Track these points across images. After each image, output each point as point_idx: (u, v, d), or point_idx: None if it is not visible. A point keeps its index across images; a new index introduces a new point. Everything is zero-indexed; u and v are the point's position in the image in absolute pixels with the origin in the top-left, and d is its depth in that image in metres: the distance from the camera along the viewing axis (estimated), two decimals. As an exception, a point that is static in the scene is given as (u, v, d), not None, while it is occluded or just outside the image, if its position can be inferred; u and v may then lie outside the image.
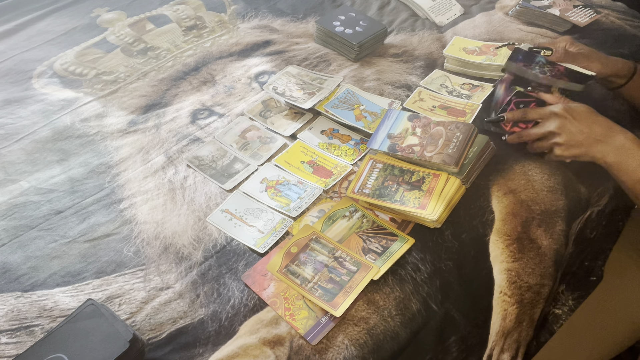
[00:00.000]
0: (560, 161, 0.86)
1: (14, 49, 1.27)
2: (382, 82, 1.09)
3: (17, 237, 0.86)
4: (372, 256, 0.77)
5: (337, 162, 0.93)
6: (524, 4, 1.25)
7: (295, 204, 0.86)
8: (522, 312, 0.79)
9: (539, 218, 0.83)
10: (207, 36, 1.27)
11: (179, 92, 1.12)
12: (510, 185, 0.87)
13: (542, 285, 0.80)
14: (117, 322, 0.68)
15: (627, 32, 1.18)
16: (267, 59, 1.17)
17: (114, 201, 0.90)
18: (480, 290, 0.79)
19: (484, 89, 1.04)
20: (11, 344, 0.72)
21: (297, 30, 1.28)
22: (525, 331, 0.80)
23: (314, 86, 1.05)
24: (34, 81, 1.17)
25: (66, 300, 0.77)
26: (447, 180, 0.82)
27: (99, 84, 1.15)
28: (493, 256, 0.80)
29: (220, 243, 0.83)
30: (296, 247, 0.79)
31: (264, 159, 0.95)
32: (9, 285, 0.79)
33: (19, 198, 0.92)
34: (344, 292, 0.73)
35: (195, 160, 0.96)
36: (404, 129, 0.89)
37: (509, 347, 0.79)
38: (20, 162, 0.99)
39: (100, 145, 1.01)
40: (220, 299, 0.76)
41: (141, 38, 1.27)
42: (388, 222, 0.83)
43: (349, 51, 1.16)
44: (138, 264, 0.81)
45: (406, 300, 0.74)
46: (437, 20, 1.26)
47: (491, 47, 1.11)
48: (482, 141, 0.86)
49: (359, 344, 0.70)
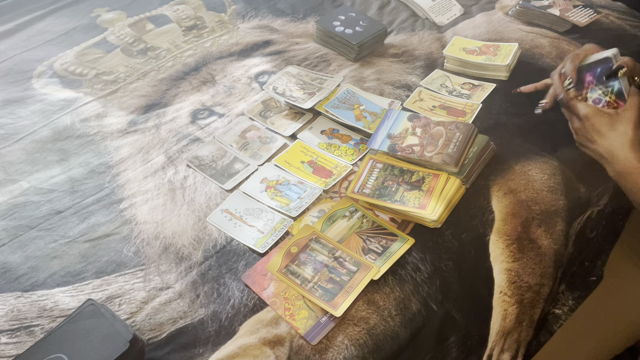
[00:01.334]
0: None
1: (14, 49, 1.27)
2: (382, 82, 1.09)
3: (17, 237, 0.86)
4: (372, 256, 0.77)
5: (337, 162, 0.93)
6: (524, 4, 1.25)
7: (295, 204, 0.86)
8: (522, 312, 0.79)
9: (539, 218, 0.83)
10: (207, 36, 1.27)
11: (179, 92, 1.12)
12: (510, 185, 0.87)
13: (542, 285, 0.80)
14: (117, 322, 0.68)
15: (627, 32, 1.18)
16: (267, 59, 1.17)
17: (114, 201, 0.90)
18: (480, 291, 0.79)
19: (484, 88, 1.04)
20: (11, 344, 0.72)
21: (297, 30, 1.27)
22: (525, 331, 0.80)
23: (314, 86, 1.05)
24: (34, 81, 1.17)
25: (66, 300, 0.77)
26: (447, 180, 0.82)
27: (99, 84, 1.15)
28: (493, 256, 0.80)
29: (220, 243, 0.83)
30: (296, 247, 0.79)
31: (264, 159, 0.95)
32: (9, 285, 0.79)
33: (19, 198, 0.92)
34: (344, 292, 0.73)
35: (195, 160, 0.96)
36: (404, 129, 0.89)
37: (509, 347, 0.79)
38: (20, 162, 0.99)
39: (100, 145, 1.01)
40: (220, 299, 0.76)
41: (141, 38, 1.27)
42: (388, 222, 0.83)
43: (349, 51, 1.16)
44: (138, 264, 0.81)
45: (406, 300, 0.74)
46: (437, 20, 1.26)
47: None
48: (482, 141, 0.86)
49: (359, 344, 0.70)
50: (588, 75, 0.83)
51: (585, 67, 0.84)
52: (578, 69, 0.84)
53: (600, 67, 0.82)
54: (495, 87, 1.04)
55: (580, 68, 0.84)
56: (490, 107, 1.00)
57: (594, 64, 0.83)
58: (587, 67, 0.84)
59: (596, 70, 0.83)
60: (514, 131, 0.96)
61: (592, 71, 0.83)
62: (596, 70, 0.83)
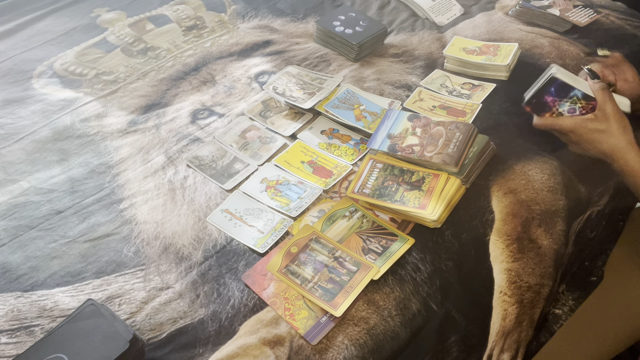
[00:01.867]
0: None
1: (14, 49, 1.27)
2: (382, 82, 1.09)
3: (17, 237, 0.86)
4: (372, 256, 0.77)
5: (337, 162, 0.93)
6: (524, 4, 1.25)
7: (295, 204, 0.86)
8: (522, 312, 0.79)
9: (539, 218, 0.83)
10: (207, 36, 1.27)
11: (179, 92, 1.12)
12: (510, 185, 0.87)
13: (542, 285, 0.80)
14: (117, 322, 0.68)
15: (627, 32, 1.18)
16: (267, 59, 1.17)
17: (114, 201, 0.90)
18: (480, 290, 0.79)
19: (484, 88, 1.04)
20: (11, 344, 0.72)
21: (297, 30, 1.27)
22: (525, 331, 0.80)
23: (314, 86, 1.05)
24: (34, 81, 1.17)
25: (66, 300, 0.77)
26: (447, 180, 0.82)
27: (99, 84, 1.15)
28: (493, 256, 0.80)
29: (220, 243, 0.83)
30: (296, 247, 0.79)
31: (264, 159, 0.95)
32: (9, 285, 0.79)
33: (19, 198, 0.92)
34: (344, 292, 0.73)
35: (195, 160, 0.96)
36: (404, 129, 0.89)
37: (509, 347, 0.79)
38: (20, 162, 0.99)
39: (100, 145, 1.01)
40: (220, 299, 0.76)
41: (141, 38, 1.27)
42: (388, 222, 0.83)
43: (349, 51, 1.16)
44: (138, 264, 0.81)
45: (406, 300, 0.74)
46: (437, 20, 1.26)
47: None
48: (482, 141, 0.86)
49: (359, 344, 0.70)
50: (546, 98, 0.85)
51: (537, 94, 0.85)
52: (530, 99, 0.86)
53: (552, 86, 0.83)
54: (495, 87, 1.04)
55: (531, 99, 0.86)
56: (490, 107, 1.00)
57: (543, 88, 0.84)
58: (539, 94, 0.85)
59: (551, 91, 0.84)
60: (514, 131, 0.96)
61: (547, 93, 0.84)
62: (550, 90, 0.84)
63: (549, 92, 0.84)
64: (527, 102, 0.87)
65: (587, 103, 0.82)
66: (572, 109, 0.83)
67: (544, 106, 0.85)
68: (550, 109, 0.85)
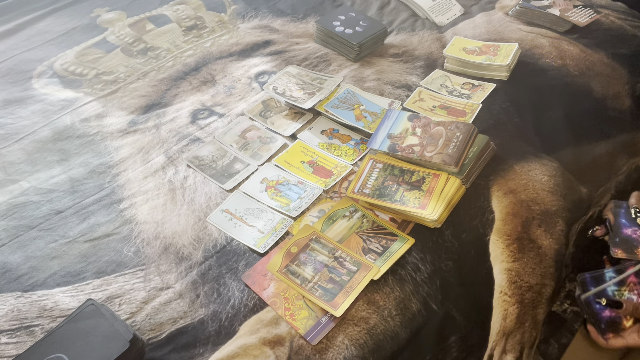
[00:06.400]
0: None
1: (14, 49, 1.27)
2: (382, 82, 1.09)
3: (17, 237, 0.86)
4: (372, 256, 0.77)
5: (337, 162, 0.93)
6: (524, 4, 1.25)
7: (295, 204, 0.86)
8: (523, 312, 0.79)
9: (539, 218, 0.83)
10: (207, 36, 1.27)
11: (179, 92, 1.12)
12: (510, 185, 0.87)
13: (543, 285, 0.80)
14: (117, 322, 0.68)
15: (627, 32, 1.18)
16: (267, 59, 1.17)
17: (114, 201, 0.90)
18: (481, 290, 0.79)
19: (484, 88, 1.04)
20: (11, 344, 0.72)
21: (297, 30, 1.27)
22: (528, 332, 0.80)
23: (314, 86, 1.05)
24: (34, 81, 1.17)
25: (66, 300, 0.77)
26: (447, 180, 0.82)
27: (99, 84, 1.15)
28: (493, 256, 0.80)
29: (220, 243, 0.83)
30: (296, 247, 0.78)
31: (264, 159, 0.95)
32: (9, 285, 0.79)
33: (19, 198, 0.92)
34: (344, 292, 0.73)
35: (195, 160, 0.96)
36: (404, 129, 0.89)
37: (512, 348, 0.78)
38: (21, 162, 0.99)
39: (100, 145, 1.01)
40: (220, 299, 0.76)
41: (141, 38, 1.27)
42: (388, 222, 0.83)
43: (349, 51, 1.15)
44: (138, 264, 0.81)
45: (406, 300, 0.74)
46: (437, 20, 1.26)
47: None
48: (482, 141, 0.86)
49: (359, 343, 0.70)
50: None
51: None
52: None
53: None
54: (495, 87, 1.04)
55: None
56: (490, 107, 1.00)
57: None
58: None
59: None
60: (514, 131, 0.96)
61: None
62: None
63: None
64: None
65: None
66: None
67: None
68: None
